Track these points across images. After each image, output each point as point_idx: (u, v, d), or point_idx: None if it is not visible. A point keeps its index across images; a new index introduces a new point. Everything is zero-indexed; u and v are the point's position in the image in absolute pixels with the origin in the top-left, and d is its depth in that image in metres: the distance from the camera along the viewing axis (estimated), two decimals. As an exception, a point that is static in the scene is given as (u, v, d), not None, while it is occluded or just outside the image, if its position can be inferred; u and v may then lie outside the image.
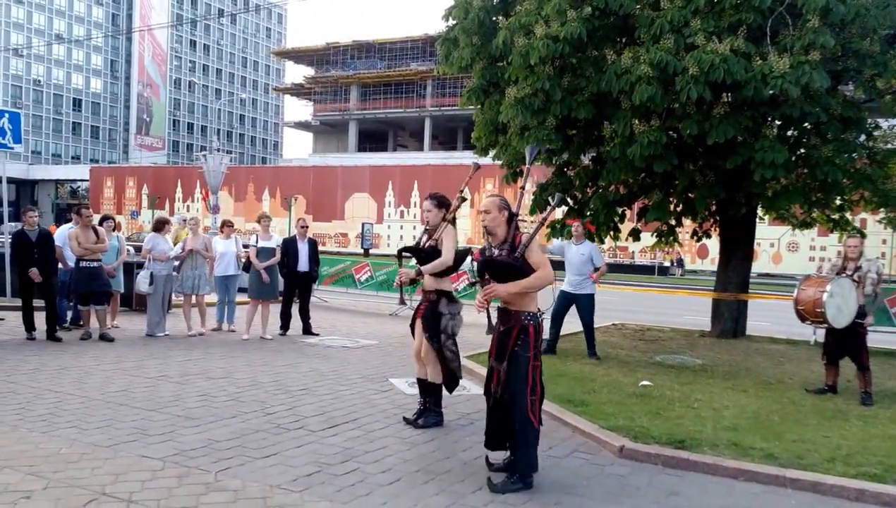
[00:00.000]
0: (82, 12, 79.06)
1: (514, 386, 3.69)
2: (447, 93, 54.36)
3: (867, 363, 6.13)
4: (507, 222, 3.74)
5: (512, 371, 3.70)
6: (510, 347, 3.71)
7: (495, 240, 3.76)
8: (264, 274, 8.55)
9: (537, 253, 3.67)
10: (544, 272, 3.64)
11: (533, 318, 3.72)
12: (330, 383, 6.20)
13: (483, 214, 3.77)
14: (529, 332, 3.70)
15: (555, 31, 7.57)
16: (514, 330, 3.72)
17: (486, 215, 3.75)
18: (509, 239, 3.70)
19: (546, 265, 3.66)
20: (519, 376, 3.68)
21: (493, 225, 3.74)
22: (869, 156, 8.81)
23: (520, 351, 3.70)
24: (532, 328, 3.71)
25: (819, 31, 7.03)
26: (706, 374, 7.09)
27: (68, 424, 4.59)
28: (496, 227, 3.74)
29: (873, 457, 4.31)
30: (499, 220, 3.74)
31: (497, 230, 3.74)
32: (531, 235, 3.67)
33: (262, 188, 49.38)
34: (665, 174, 8.50)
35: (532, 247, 3.65)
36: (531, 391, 3.69)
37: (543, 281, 3.66)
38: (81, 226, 8.00)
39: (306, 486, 3.66)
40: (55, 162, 73.39)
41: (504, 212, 3.75)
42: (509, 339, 3.73)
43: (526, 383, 3.67)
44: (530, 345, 3.69)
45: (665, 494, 3.81)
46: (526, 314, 3.72)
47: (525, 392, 3.67)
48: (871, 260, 6.38)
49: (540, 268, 3.63)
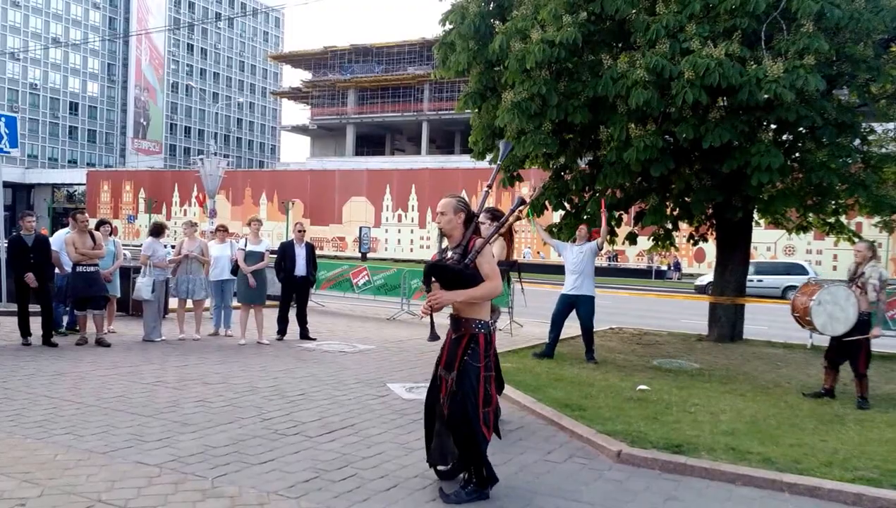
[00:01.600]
0: (79, 16, 79.06)
1: (464, 397, 3.49)
2: (444, 97, 54.48)
3: (863, 370, 6.12)
4: (465, 224, 3.54)
5: (460, 381, 3.50)
6: (459, 356, 3.54)
7: (451, 241, 3.57)
8: (251, 278, 8.51)
9: (489, 261, 3.48)
10: (492, 284, 3.45)
11: (484, 327, 3.55)
12: (327, 388, 6.19)
13: (438, 215, 3.57)
14: (479, 341, 3.53)
15: (551, 36, 7.60)
16: (463, 338, 3.55)
17: (442, 217, 3.55)
18: (464, 242, 3.50)
19: (495, 276, 3.47)
20: (468, 387, 3.49)
21: (449, 227, 3.55)
22: (864, 161, 8.85)
23: (469, 360, 3.52)
24: (482, 337, 3.54)
25: (813, 36, 7.07)
26: (703, 378, 7.09)
27: (64, 430, 4.57)
28: (452, 229, 3.55)
29: (870, 461, 4.32)
30: (454, 223, 3.54)
31: (453, 232, 3.55)
32: (484, 241, 3.48)
33: (259, 192, 49.36)
34: (661, 178, 8.52)
35: (484, 254, 3.46)
36: (483, 402, 3.53)
37: (490, 292, 3.48)
38: (78, 231, 7.97)
39: (303, 492, 3.65)
40: (52, 166, 73.26)
41: (461, 215, 3.54)
42: (459, 348, 3.56)
43: (477, 395, 3.50)
44: (480, 355, 3.53)
45: (663, 499, 3.81)
46: (477, 322, 3.55)
47: (476, 404, 3.50)
48: (875, 265, 6.19)
49: (489, 279, 3.44)
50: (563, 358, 7.89)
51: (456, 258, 3.49)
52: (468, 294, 3.45)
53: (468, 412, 3.49)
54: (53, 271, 8.14)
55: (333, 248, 45.15)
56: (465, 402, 3.50)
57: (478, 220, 3.63)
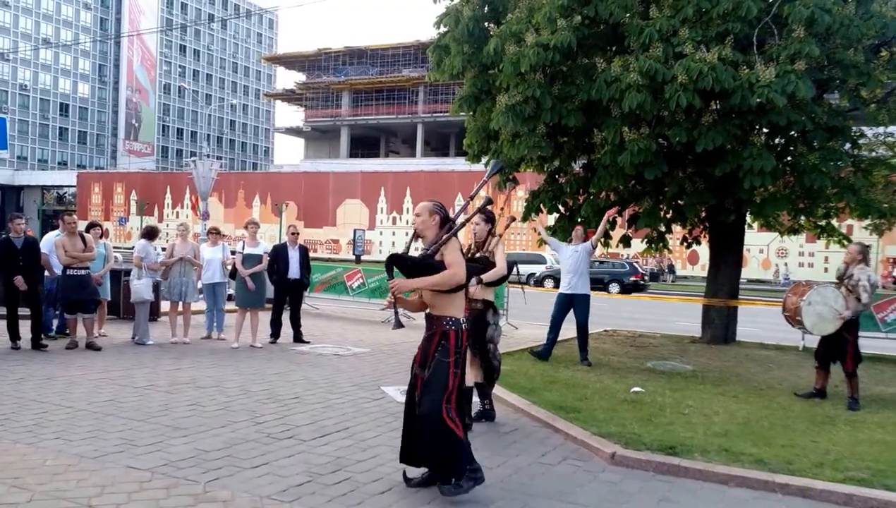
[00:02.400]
0: (70, 16, 78.57)
1: (431, 393, 3.56)
2: (439, 99, 54.52)
3: (851, 369, 6.18)
4: (438, 227, 3.70)
5: (430, 378, 3.58)
6: (431, 354, 3.64)
7: (425, 241, 3.75)
8: (249, 281, 8.48)
9: (453, 253, 3.61)
10: (453, 271, 3.55)
11: (454, 324, 3.63)
12: (321, 391, 6.17)
13: (414, 217, 3.78)
14: (450, 338, 3.61)
15: (545, 40, 7.63)
16: (435, 336, 3.66)
17: (417, 218, 3.75)
18: (437, 242, 3.67)
19: (457, 265, 3.57)
20: (437, 384, 3.56)
21: (423, 228, 3.73)
22: (854, 164, 8.92)
23: (439, 356, 3.60)
24: (453, 333, 3.62)
25: (804, 41, 7.13)
26: (697, 380, 7.12)
27: (54, 435, 4.52)
28: (425, 230, 3.72)
29: (861, 462, 4.35)
30: (428, 224, 3.71)
31: (426, 233, 3.72)
32: (450, 235, 3.63)
33: (252, 194, 49.19)
34: (655, 181, 8.56)
35: (449, 246, 3.60)
36: (446, 399, 3.57)
37: (449, 280, 3.55)
38: (67, 234, 7.90)
39: (297, 496, 3.63)
40: (41, 167, 72.72)
41: (435, 217, 3.72)
42: (431, 346, 3.66)
43: (444, 390, 3.56)
44: (450, 351, 3.59)
45: (657, 500, 3.82)
46: (447, 319, 3.64)
47: (440, 401, 3.54)
48: (864, 268, 6.20)
49: (450, 267, 3.55)
50: (557, 360, 7.90)
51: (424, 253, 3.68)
52: (426, 281, 3.58)
53: (436, 406, 3.56)
54: (43, 274, 8.06)
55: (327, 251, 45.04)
56: (433, 397, 3.57)
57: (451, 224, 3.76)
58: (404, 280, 3.62)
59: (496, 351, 5.17)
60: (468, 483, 3.60)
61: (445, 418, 3.55)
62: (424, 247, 3.73)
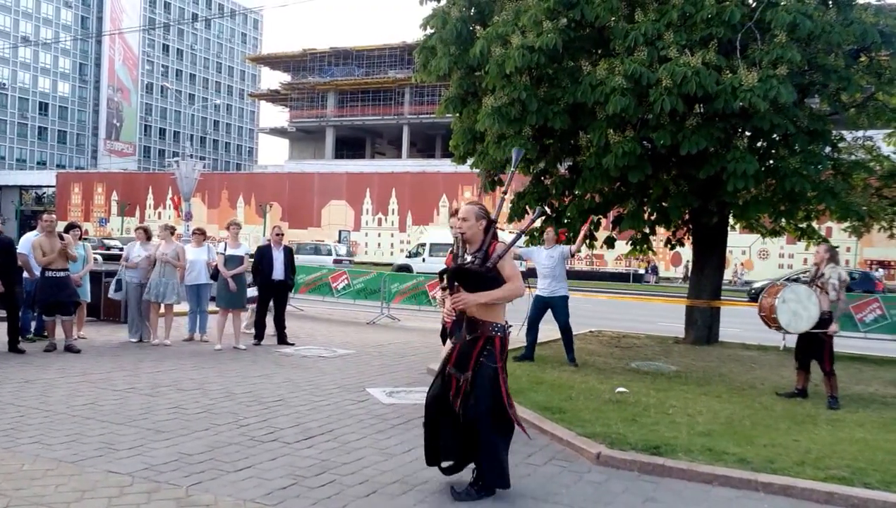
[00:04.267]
0: (50, 14, 77.31)
1: (481, 398, 3.62)
2: (425, 100, 54.52)
3: (829, 368, 6.28)
4: (485, 231, 3.70)
5: (478, 383, 3.64)
6: (474, 357, 3.66)
7: (471, 247, 3.70)
8: (231, 282, 8.40)
9: (511, 265, 3.63)
10: (514, 285, 3.61)
11: (500, 330, 3.69)
12: (305, 394, 6.11)
13: (461, 221, 3.70)
14: (496, 343, 3.67)
15: (531, 42, 7.66)
16: (479, 340, 3.67)
17: (464, 223, 3.69)
18: (484, 247, 3.66)
19: (517, 278, 3.64)
20: (486, 388, 3.63)
21: (471, 233, 3.69)
22: (834, 167, 9.07)
23: (485, 361, 3.66)
24: (498, 339, 3.68)
25: (786, 46, 7.24)
26: (681, 380, 7.18)
27: (31, 439, 4.43)
28: (474, 236, 3.70)
29: (841, 460, 4.41)
30: (475, 229, 3.69)
31: (474, 238, 3.70)
32: (507, 246, 3.65)
33: (236, 195, 48.75)
34: (639, 183, 8.62)
35: (506, 259, 3.61)
36: (508, 402, 3.68)
37: (512, 293, 3.63)
38: (45, 234, 7.75)
39: (281, 500, 3.59)
40: (20, 167, 71.40)
41: (482, 222, 3.70)
42: (474, 349, 3.67)
43: (499, 394, 3.65)
44: (496, 356, 3.66)
45: (642, 500, 3.84)
46: (493, 325, 3.68)
47: (500, 403, 3.65)
48: (835, 266, 6.48)
49: (510, 281, 3.61)
50: (543, 361, 7.93)
51: (478, 262, 3.62)
52: (491, 295, 3.60)
53: (490, 408, 3.62)
54: (20, 275, 7.90)
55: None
56: (479, 403, 3.62)
57: (496, 227, 3.77)
58: (469, 295, 3.59)
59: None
60: (482, 493, 3.67)
61: (514, 421, 3.70)
62: (472, 253, 3.66)
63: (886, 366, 8.87)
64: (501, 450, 3.69)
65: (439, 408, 3.76)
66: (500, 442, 3.69)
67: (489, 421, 3.62)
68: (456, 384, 3.69)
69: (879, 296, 10.63)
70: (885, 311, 9.86)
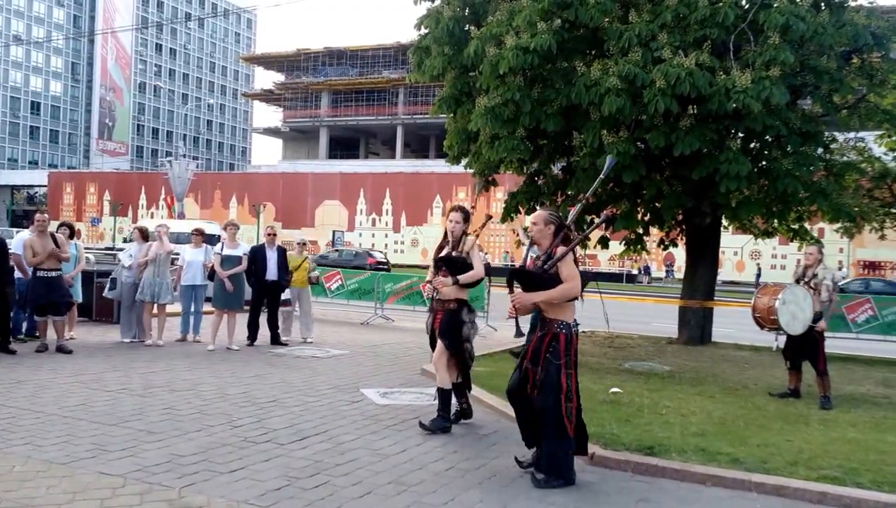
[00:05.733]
0: (42, 13, 76.77)
1: (545, 392, 3.87)
2: (419, 101, 54.50)
3: (823, 368, 6.32)
4: (553, 235, 3.98)
5: (543, 377, 3.90)
6: (542, 353, 3.92)
7: (540, 249, 4.01)
8: (228, 282, 8.36)
9: (569, 266, 3.87)
10: (570, 285, 3.84)
11: (565, 327, 3.91)
12: (299, 394, 6.09)
13: (531, 225, 4.02)
14: (560, 340, 3.89)
15: (525, 43, 7.66)
16: (546, 337, 3.93)
17: (534, 226, 4.01)
18: (549, 250, 3.94)
19: (573, 278, 3.86)
20: (549, 383, 3.87)
21: (539, 236, 4.00)
22: (826, 168, 9.13)
23: (550, 357, 3.89)
24: (563, 336, 3.89)
25: (779, 48, 7.28)
26: (674, 381, 7.20)
27: (22, 440, 4.39)
28: (542, 239, 3.99)
29: (833, 460, 4.43)
30: (545, 233, 3.98)
31: (542, 241, 3.99)
32: (567, 249, 3.88)
33: (229, 195, 48.57)
34: (633, 184, 8.66)
35: (566, 260, 3.86)
36: (566, 398, 3.87)
37: (566, 293, 3.86)
38: (37, 233, 7.69)
39: (274, 501, 3.57)
40: (11, 167, 70.85)
41: (550, 227, 3.99)
42: (542, 345, 3.94)
43: (559, 390, 3.85)
44: (560, 353, 3.88)
45: (635, 500, 3.84)
46: (559, 323, 3.91)
47: (559, 398, 3.85)
48: (828, 268, 6.58)
49: (567, 281, 3.84)
50: (536, 361, 7.93)
51: (541, 263, 3.94)
52: (545, 295, 3.86)
53: (550, 404, 3.85)
54: (11, 275, 7.83)
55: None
56: (546, 396, 3.86)
57: (566, 231, 4.02)
58: (525, 294, 3.88)
59: (472, 349, 5.21)
60: (558, 482, 3.88)
61: (563, 416, 3.85)
62: (540, 256, 3.96)
63: (878, 366, 8.93)
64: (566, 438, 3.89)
65: (517, 400, 4.05)
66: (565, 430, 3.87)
67: (551, 416, 3.84)
68: (533, 377, 3.95)
69: (871, 297, 10.71)
70: (876, 312, 9.93)
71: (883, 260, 33.59)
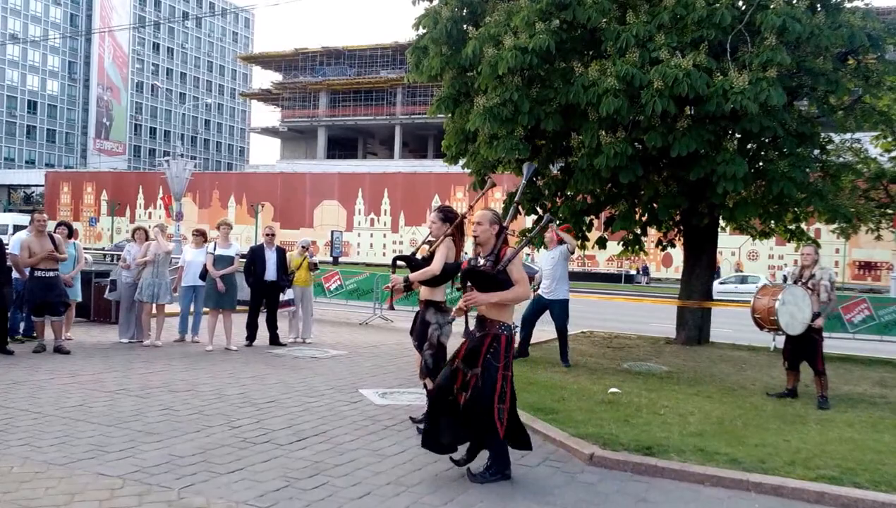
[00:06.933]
0: (39, 12, 76.52)
1: (480, 393, 3.83)
2: (417, 101, 54.45)
3: (822, 368, 6.35)
4: (497, 235, 3.92)
5: (483, 378, 3.85)
6: (482, 354, 3.87)
7: (484, 250, 3.94)
8: (220, 282, 8.34)
9: (519, 269, 3.87)
10: (522, 288, 3.87)
11: (506, 329, 3.90)
12: (298, 395, 6.09)
13: (475, 225, 3.94)
14: (501, 341, 3.87)
15: (523, 43, 7.67)
16: (487, 338, 3.89)
17: (478, 226, 3.93)
18: (496, 250, 3.89)
19: (524, 282, 3.88)
20: (487, 384, 3.84)
21: (485, 237, 3.92)
22: (822, 170, 9.15)
23: (491, 359, 3.86)
24: (504, 338, 3.88)
25: (776, 49, 7.30)
26: (672, 381, 7.22)
27: (20, 441, 4.38)
28: (487, 239, 3.92)
29: (831, 460, 4.45)
30: (489, 233, 3.92)
31: (488, 242, 3.93)
32: (516, 251, 3.88)
33: (227, 195, 48.46)
34: (631, 185, 8.67)
35: (515, 263, 3.85)
36: (499, 399, 3.83)
37: (520, 296, 3.90)
38: (35, 233, 7.67)
39: (274, 501, 3.58)
40: (8, 166, 70.61)
41: (494, 226, 3.93)
42: (482, 346, 3.89)
43: (494, 391, 3.82)
44: (501, 355, 3.86)
45: (634, 501, 3.85)
46: (500, 324, 3.90)
47: (493, 400, 3.82)
48: (825, 268, 6.61)
49: (518, 284, 3.84)
50: (535, 362, 7.94)
51: (489, 265, 3.86)
52: (500, 296, 3.84)
53: (484, 405, 3.81)
54: (10, 275, 7.81)
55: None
56: (481, 397, 3.82)
57: (506, 232, 3.99)
58: (481, 294, 3.84)
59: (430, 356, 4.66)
60: (495, 477, 3.91)
61: (496, 419, 3.82)
62: (485, 256, 3.90)
63: (874, 366, 8.96)
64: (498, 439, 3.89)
65: (443, 398, 3.95)
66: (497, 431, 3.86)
67: (491, 416, 3.82)
68: (462, 378, 3.89)
69: (867, 297, 10.74)
70: (872, 312, 9.96)
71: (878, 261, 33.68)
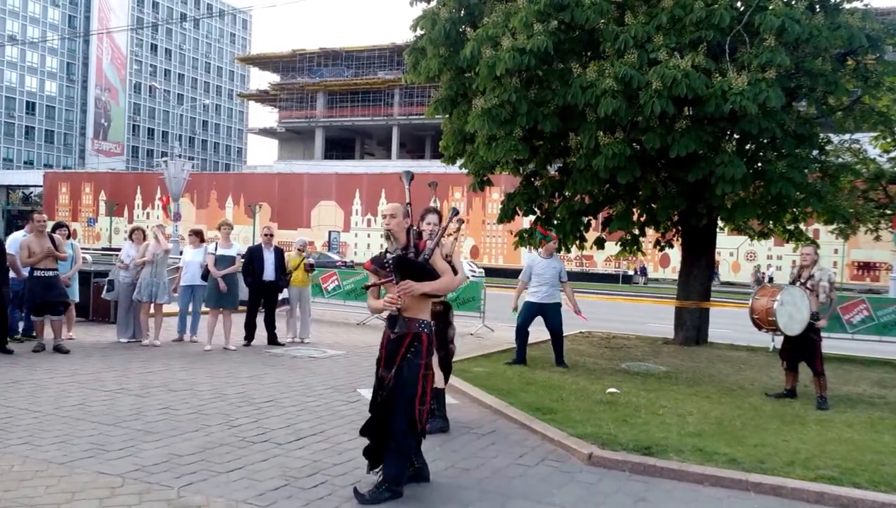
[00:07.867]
0: (37, 13, 76.45)
1: (400, 393, 3.63)
2: (415, 101, 54.46)
3: (821, 368, 6.36)
4: (407, 230, 3.82)
5: (398, 376, 3.65)
6: (401, 354, 3.68)
7: (398, 243, 3.80)
8: (222, 282, 8.35)
9: (440, 260, 3.81)
10: (450, 278, 3.84)
11: (426, 327, 3.76)
12: (296, 394, 6.09)
13: (388, 218, 3.80)
14: (423, 340, 3.72)
15: (521, 44, 7.67)
16: (407, 337, 3.71)
17: (392, 219, 3.79)
18: (410, 244, 3.78)
19: (449, 272, 3.84)
20: (407, 383, 3.63)
21: (397, 229, 3.81)
22: (821, 170, 9.16)
23: (412, 357, 3.68)
24: (425, 336, 3.73)
25: (775, 50, 7.31)
26: (671, 381, 7.23)
27: (20, 440, 4.38)
28: (399, 232, 3.81)
29: (830, 460, 4.46)
30: (402, 226, 3.81)
31: (399, 235, 3.81)
32: (434, 242, 3.76)
33: (225, 195, 48.44)
34: (629, 185, 8.68)
35: (436, 255, 3.76)
36: (420, 400, 3.66)
37: (450, 285, 3.88)
38: (35, 233, 7.66)
39: (272, 500, 3.58)
40: (6, 167, 70.51)
41: (406, 220, 3.85)
42: (401, 347, 3.70)
43: (415, 391, 3.64)
44: (422, 353, 3.69)
45: (633, 500, 3.86)
46: (420, 322, 3.74)
47: (413, 400, 3.63)
48: (824, 268, 6.61)
49: (445, 274, 3.78)
50: (533, 362, 7.94)
51: (411, 256, 3.75)
52: (433, 285, 3.72)
53: (403, 406, 3.63)
54: (8, 275, 7.80)
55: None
56: (401, 398, 3.64)
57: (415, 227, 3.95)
58: (416, 284, 3.65)
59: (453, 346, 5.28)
60: (384, 495, 3.59)
61: (416, 419, 3.65)
62: (400, 250, 3.77)
63: (873, 367, 8.98)
64: (408, 448, 3.69)
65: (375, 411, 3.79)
66: (412, 443, 3.72)
67: (404, 417, 3.62)
68: (385, 384, 3.72)
69: (866, 298, 10.76)
70: (871, 313, 9.98)
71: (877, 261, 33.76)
